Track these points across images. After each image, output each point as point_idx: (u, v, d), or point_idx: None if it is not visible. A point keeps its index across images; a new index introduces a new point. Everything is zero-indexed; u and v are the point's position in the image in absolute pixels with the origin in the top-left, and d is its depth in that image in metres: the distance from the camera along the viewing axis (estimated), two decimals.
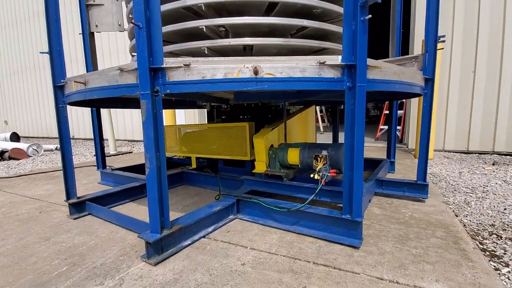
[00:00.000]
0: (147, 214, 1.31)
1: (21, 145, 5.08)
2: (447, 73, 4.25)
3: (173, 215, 1.54)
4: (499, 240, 1.52)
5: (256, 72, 1.16)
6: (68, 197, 1.82)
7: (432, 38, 1.77)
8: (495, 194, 2.33)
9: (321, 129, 7.72)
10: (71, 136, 8.58)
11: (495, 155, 4.14)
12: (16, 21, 9.54)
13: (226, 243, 1.43)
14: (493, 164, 3.61)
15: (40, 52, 1.80)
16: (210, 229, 1.55)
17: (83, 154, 5.20)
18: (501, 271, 1.21)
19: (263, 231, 1.57)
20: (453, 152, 4.40)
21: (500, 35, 3.91)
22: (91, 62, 2.59)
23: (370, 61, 1.28)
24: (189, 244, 1.41)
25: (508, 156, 4.03)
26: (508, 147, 4.10)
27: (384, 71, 1.36)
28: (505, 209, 1.98)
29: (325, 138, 6.19)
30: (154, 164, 1.22)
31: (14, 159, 4.77)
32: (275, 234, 1.52)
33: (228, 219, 1.69)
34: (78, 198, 1.86)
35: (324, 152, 1.57)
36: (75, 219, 1.81)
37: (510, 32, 3.86)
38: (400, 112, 5.24)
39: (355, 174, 1.28)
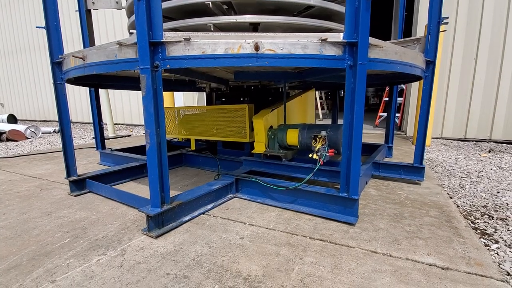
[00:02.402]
0: (147, 192, 1.34)
1: (19, 126, 5.06)
2: (448, 61, 4.22)
3: (173, 194, 1.56)
4: (490, 220, 1.56)
5: (257, 48, 1.15)
6: (69, 174, 1.84)
7: (435, 20, 1.75)
8: (490, 179, 2.37)
9: (321, 116, 7.71)
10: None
11: (492, 142, 4.18)
12: (8, 1, 9.26)
13: (225, 219, 1.47)
14: (489, 151, 3.65)
15: (37, 27, 1.77)
16: (209, 206, 1.58)
17: (81, 137, 5.18)
18: (490, 247, 1.25)
19: (262, 209, 1.60)
20: (451, 139, 4.43)
21: (504, 24, 3.85)
22: (88, 40, 2.55)
23: (372, 40, 1.28)
24: (189, 220, 1.44)
25: (504, 144, 4.07)
26: (505, 135, 4.13)
27: (385, 50, 1.36)
28: (498, 192, 2.02)
29: None
30: (154, 139, 1.23)
31: (12, 140, 4.75)
32: (273, 212, 1.55)
33: (227, 197, 1.72)
34: (79, 176, 1.88)
35: (323, 133, 1.58)
36: (76, 196, 1.83)
37: None
38: (399, 99, 5.23)
39: (353, 153, 1.30)
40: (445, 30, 1.80)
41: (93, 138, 4.73)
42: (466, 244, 1.21)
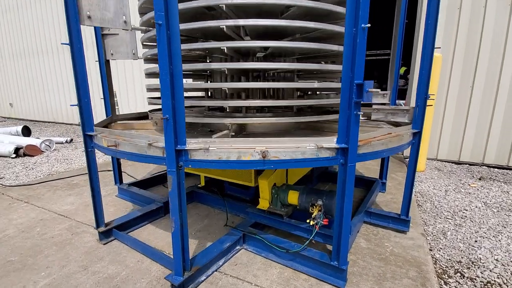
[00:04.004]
0: (165, 238, 1.64)
1: (34, 140, 5.33)
2: (446, 84, 4.39)
3: (192, 242, 1.82)
4: (461, 279, 1.82)
5: (264, 156, 1.39)
6: (98, 225, 2.11)
7: (422, 96, 1.96)
8: (472, 221, 2.62)
9: None
10: (77, 122, 8.76)
11: (484, 167, 4.40)
12: (17, 5, 9.38)
13: (234, 278, 1.74)
14: (480, 179, 3.88)
15: (62, 43, 2.00)
16: (221, 263, 1.86)
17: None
18: None
19: (265, 264, 1.87)
20: (445, 161, 4.65)
21: (501, 54, 4.00)
22: (107, 87, 2.77)
23: (360, 138, 1.51)
24: (204, 279, 1.72)
25: (496, 169, 4.29)
26: (497, 160, 4.34)
27: (373, 144, 1.59)
28: (475, 241, 2.27)
29: None
30: (178, 224, 1.49)
31: (28, 155, 5.04)
32: (275, 269, 1.82)
33: (235, 250, 1.99)
34: (106, 225, 2.15)
35: (320, 202, 1.83)
36: (104, 244, 2.11)
37: (510, 52, 3.95)
38: (402, 102, 5.45)
39: (343, 233, 1.55)
40: (432, 105, 1.97)
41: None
42: None
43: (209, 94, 2.49)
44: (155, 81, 2.07)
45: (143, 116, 3.02)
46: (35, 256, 1.99)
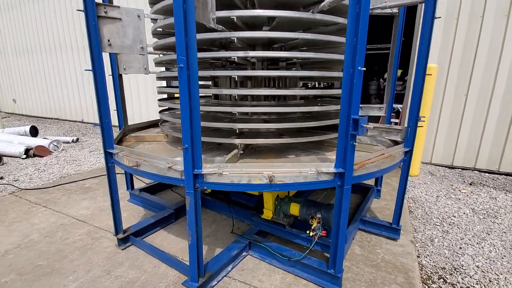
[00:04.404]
0: (177, 244, 2.01)
1: (43, 141, 5.51)
2: (442, 91, 4.56)
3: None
4: (444, 284, 2.04)
5: (271, 180, 1.59)
6: (117, 232, 2.32)
7: (414, 118, 2.15)
8: (459, 228, 2.84)
9: None
10: (80, 120, 8.86)
11: (476, 171, 4.61)
12: (19, 2, 9.41)
13: (242, 283, 1.96)
14: (471, 184, 4.10)
15: (86, 70, 2.18)
16: (229, 268, 2.07)
17: (99, 150, 5.63)
18: None
19: (269, 270, 2.09)
20: (439, 165, 4.86)
21: (496, 63, 4.17)
22: (120, 99, 2.94)
23: (356, 161, 1.70)
24: (216, 284, 1.93)
25: (487, 174, 4.51)
26: (488, 165, 4.55)
27: (367, 167, 1.78)
28: (460, 248, 2.49)
29: None
30: (194, 237, 1.69)
31: (38, 156, 5.22)
32: (278, 275, 2.04)
33: (242, 256, 2.21)
34: (124, 231, 2.36)
35: (319, 215, 2.03)
36: (122, 249, 2.32)
37: (505, 61, 4.12)
38: (399, 106, 5.71)
39: (339, 246, 1.76)
40: (422, 126, 2.14)
41: None
42: None
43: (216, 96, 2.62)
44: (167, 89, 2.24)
45: (152, 125, 3.20)
46: (61, 261, 2.20)
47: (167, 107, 2.86)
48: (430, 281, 2.08)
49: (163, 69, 3.43)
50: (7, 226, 2.70)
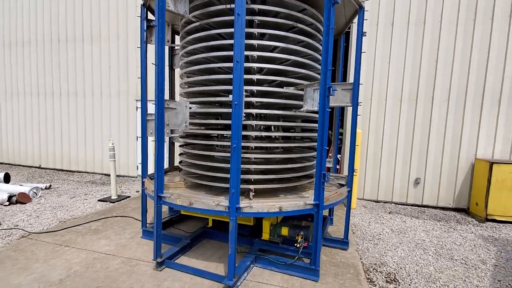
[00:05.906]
0: (199, 264, 2.83)
1: (23, 188, 5.62)
2: (365, 145, 6.44)
3: (219, 266, 2.96)
4: (376, 272, 3.32)
5: (280, 209, 2.73)
6: (156, 257, 3.09)
7: (351, 171, 3.60)
8: (383, 241, 4.27)
9: None
10: (38, 165, 8.65)
11: (393, 204, 6.41)
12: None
13: (256, 282, 2.93)
14: (390, 213, 5.77)
15: (138, 78, 3.05)
16: (245, 275, 3.03)
17: (80, 196, 5.92)
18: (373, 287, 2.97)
19: (271, 273, 3.10)
20: (369, 200, 6.56)
21: (396, 128, 6.23)
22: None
23: (326, 196, 2.97)
24: (240, 284, 2.86)
25: (399, 205, 6.31)
26: (400, 199, 6.40)
27: (330, 200, 3.08)
28: (384, 252, 3.87)
29: None
30: (233, 249, 2.67)
31: (20, 203, 5.33)
32: (278, 275, 3.07)
33: (251, 267, 3.18)
34: (161, 256, 3.13)
35: (302, 233, 3.20)
36: (160, 271, 3.07)
37: (401, 129, 6.21)
38: (339, 156, 7.39)
39: (317, 250, 2.93)
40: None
41: (103, 197, 5.55)
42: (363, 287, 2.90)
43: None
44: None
45: (169, 170, 4.11)
46: (115, 282, 2.85)
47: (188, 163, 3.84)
48: (369, 271, 3.35)
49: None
50: (44, 263, 3.17)
